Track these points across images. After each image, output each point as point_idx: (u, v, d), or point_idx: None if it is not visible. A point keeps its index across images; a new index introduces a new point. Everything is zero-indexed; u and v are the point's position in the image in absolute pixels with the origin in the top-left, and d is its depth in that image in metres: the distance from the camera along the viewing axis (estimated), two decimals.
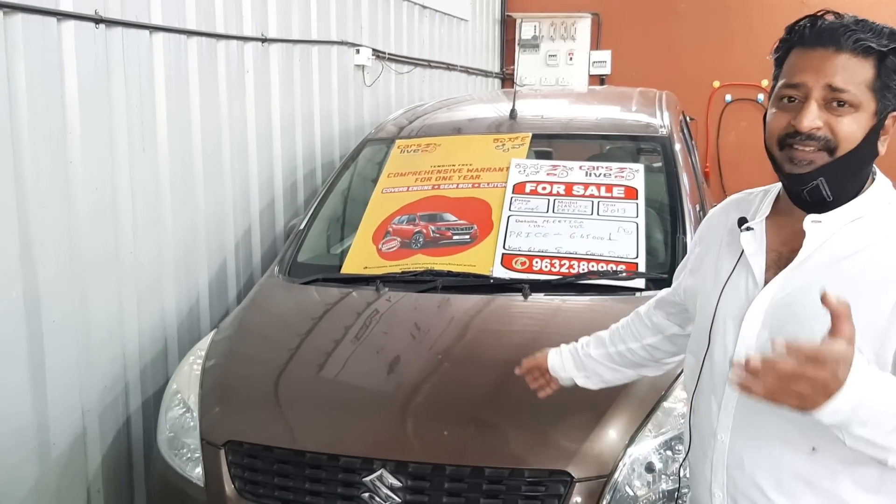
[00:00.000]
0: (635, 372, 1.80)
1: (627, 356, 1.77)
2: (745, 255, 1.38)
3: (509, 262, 2.77)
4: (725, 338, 1.37)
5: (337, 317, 2.71)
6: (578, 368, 1.81)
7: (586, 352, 1.81)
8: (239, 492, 2.20)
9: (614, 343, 1.79)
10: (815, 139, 1.26)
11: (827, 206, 1.30)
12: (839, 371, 1.08)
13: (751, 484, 1.34)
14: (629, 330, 1.78)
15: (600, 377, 1.81)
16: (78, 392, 2.65)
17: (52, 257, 2.50)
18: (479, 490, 2.03)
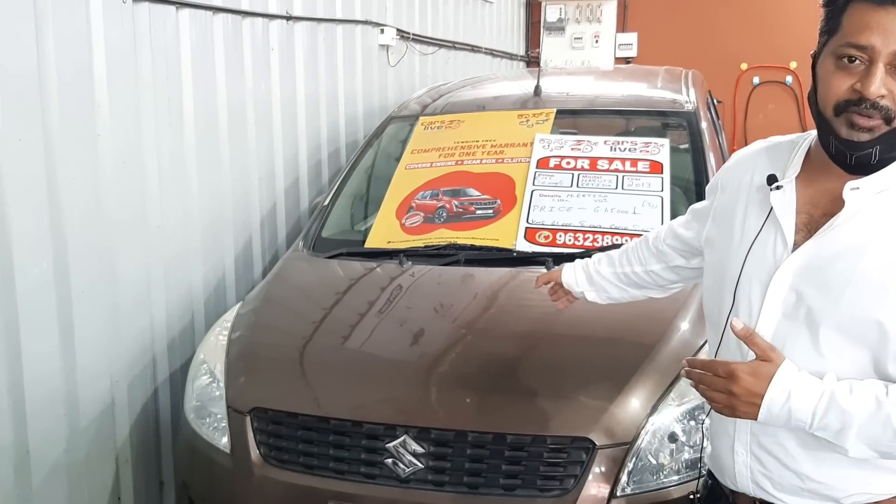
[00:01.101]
0: (640, 293, 1.87)
1: (633, 278, 1.83)
2: (775, 216, 1.35)
3: (532, 235, 2.77)
4: (751, 298, 1.36)
5: (360, 289, 2.73)
6: (590, 283, 1.90)
7: (597, 268, 1.89)
8: (264, 457, 2.23)
9: (622, 264, 1.84)
10: (879, 108, 1.21)
11: (868, 169, 1.26)
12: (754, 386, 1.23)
13: (775, 443, 1.34)
14: (636, 253, 1.82)
15: (607, 294, 1.89)
16: (106, 362, 2.69)
17: (81, 229, 2.54)
18: (500, 456, 2.04)
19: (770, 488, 1.36)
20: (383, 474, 2.10)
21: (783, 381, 1.23)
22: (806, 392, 1.23)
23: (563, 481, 2.00)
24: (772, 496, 1.36)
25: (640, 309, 2.05)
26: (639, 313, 2.31)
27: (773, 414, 1.24)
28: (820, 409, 1.22)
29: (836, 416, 1.21)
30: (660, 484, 2.02)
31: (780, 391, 1.23)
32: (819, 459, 1.30)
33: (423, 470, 2.07)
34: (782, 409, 1.23)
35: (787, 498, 1.34)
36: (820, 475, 1.31)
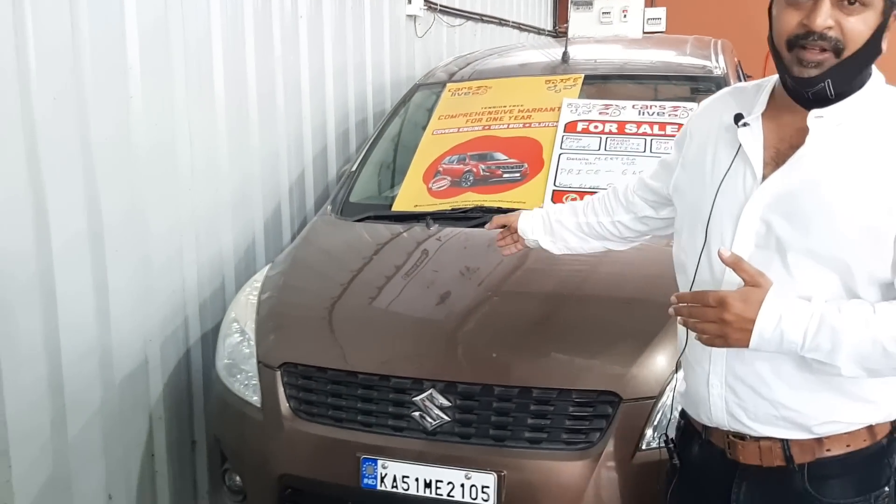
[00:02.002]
0: (600, 244, 1.88)
1: (596, 228, 1.83)
2: (743, 151, 1.38)
3: (560, 198, 2.77)
4: (723, 234, 1.39)
5: (388, 251, 2.76)
6: (546, 232, 1.91)
7: (557, 218, 1.89)
8: (294, 411, 2.27)
9: (586, 214, 1.85)
10: (826, 39, 1.25)
11: (829, 102, 1.30)
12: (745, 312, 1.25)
13: (750, 371, 1.36)
14: (603, 204, 1.82)
15: (566, 243, 1.90)
16: (140, 321, 2.74)
17: (114, 189, 2.58)
18: (526, 410, 2.06)
19: (744, 418, 1.39)
20: (410, 427, 2.14)
21: (773, 304, 1.26)
22: (797, 314, 1.25)
23: (589, 435, 2.02)
24: (746, 427, 1.39)
25: (667, 269, 2.05)
26: (665, 273, 2.31)
27: (765, 338, 1.26)
28: (811, 329, 1.24)
29: (826, 336, 1.24)
30: None
31: (770, 314, 1.25)
32: (793, 387, 1.33)
33: (449, 423, 2.10)
34: (774, 333, 1.25)
35: (760, 427, 1.37)
36: (793, 402, 1.34)
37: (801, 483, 1.36)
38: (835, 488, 1.36)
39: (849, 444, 1.36)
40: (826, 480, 1.36)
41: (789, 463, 1.36)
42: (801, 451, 1.36)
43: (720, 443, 1.44)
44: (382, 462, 2.11)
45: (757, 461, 1.39)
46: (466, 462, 2.05)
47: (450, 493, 2.05)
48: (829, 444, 1.35)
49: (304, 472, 2.24)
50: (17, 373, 2.24)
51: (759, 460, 1.39)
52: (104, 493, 2.63)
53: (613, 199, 1.81)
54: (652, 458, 1.99)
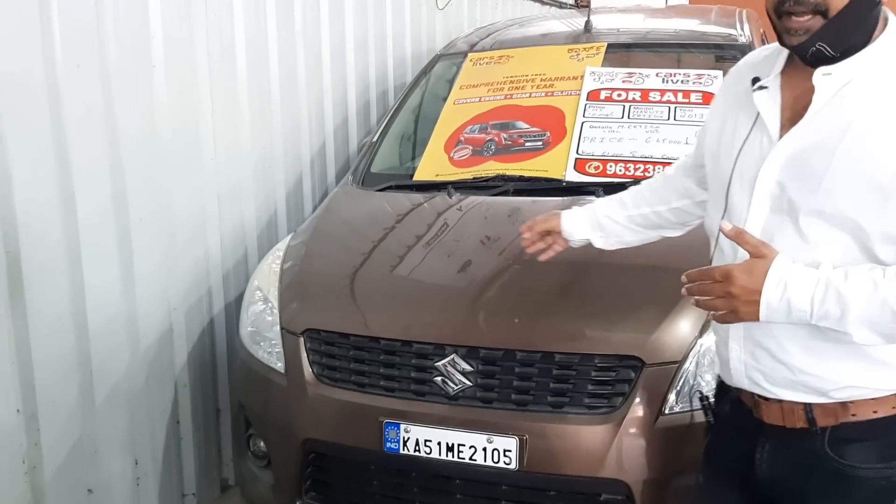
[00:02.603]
0: (656, 233, 1.82)
1: (652, 219, 1.78)
2: (760, 115, 1.36)
3: (582, 166, 2.76)
4: (741, 198, 1.37)
5: (409, 220, 2.76)
6: (595, 229, 1.83)
7: (605, 213, 1.82)
8: (317, 377, 2.29)
9: (638, 206, 1.79)
10: (804, 4, 1.24)
11: (836, 60, 1.28)
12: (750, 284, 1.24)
13: (767, 335, 1.35)
14: (656, 194, 1.77)
15: (619, 238, 1.83)
16: (164, 290, 2.77)
17: (138, 158, 2.60)
18: (548, 375, 2.06)
19: (763, 382, 1.38)
20: (433, 392, 2.15)
21: (778, 273, 1.24)
22: (802, 281, 1.23)
23: (611, 399, 2.02)
24: (765, 390, 1.38)
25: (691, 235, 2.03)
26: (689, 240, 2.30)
27: (773, 308, 1.25)
28: (818, 296, 1.22)
29: (834, 301, 1.22)
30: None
31: (776, 284, 1.24)
32: (809, 351, 1.32)
33: (471, 388, 2.11)
34: (781, 302, 1.24)
35: (778, 391, 1.36)
36: (810, 367, 1.33)
37: (822, 445, 1.35)
38: (856, 453, 1.34)
39: (875, 409, 1.33)
40: (848, 444, 1.34)
41: (812, 425, 1.35)
42: (823, 414, 1.34)
43: (748, 401, 1.43)
44: (405, 426, 2.12)
45: (780, 422, 1.38)
46: (488, 426, 2.05)
47: (472, 457, 2.06)
48: (855, 409, 1.33)
49: (328, 436, 2.26)
50: (45, 338, 2.27)
51: (783, 421, 1.38)
52: (131, 458, 2.67)
53: (666, 186, 1.76)
54: (674, 422, 1.99)
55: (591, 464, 1.99)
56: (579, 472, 2.00)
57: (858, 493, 1.34)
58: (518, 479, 2.05)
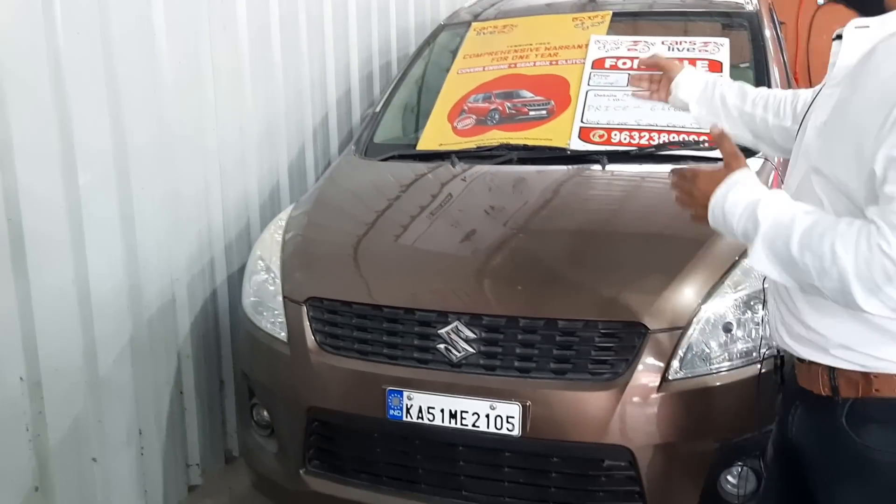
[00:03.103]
0: (753, 139, 1.77)
1: (758, 124, 1.73)
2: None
3: (587, 134, 2.73)
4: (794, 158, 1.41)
5: (413, 189, 2.74)
6: (701, 101, 1.81)
7: (722, 93, 1.78)
8: (320, 345, 2.28)
9: (755, 105, 1.74)
10: None
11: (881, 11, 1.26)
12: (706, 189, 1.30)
13: (784, 290, 1.36)
14: (777, 104, 1.71)
15: (716, 119, 1.77)
16: (167, 260, 2.76)
17: (139, 126, 2.58)
18: (552, 341, 2.05)
19: (786, 337, 1.39)
20: (436, 359, 2.14)
21: (728, 186, 1.29)
22: (739, 197, 1.27)
23: (615, 366, 2.01)
24: (789, 346, 1.39)
25: None
26: None
27: (714, 217, 1.31)
28: (745, 214, 1.26)
29: (752, 221, 1.25)
30: (711, 370, 2.01)
31: (722, 195, 1.29)
32: (817, 308, 1.31)
33: (474, 355, 2.10)
34: (719, 213, 1.30)
35: (797, 347, 1.37)
36: (818, 325, 1.32)
37: (841, 418, 1.31)
38: (874, 434, 1.29)
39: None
40: (866, 423, 1.29)
41: (834, 394, 1.32)
42: (846, 383, 1.31)
43: (790, 363, 1.45)
44: (408, 394, 2.11)
45: (808, 386, 1.37)
46: (491, 393, 2.05)
47: (475, 424, 2.05)
48: (879, 385, 1.28)
49: (331, 404, 2.26)
50: (47, 306, 2.27)
51: (810, 385, 1.36)
52: (135, 427, 2.68)
53: (789, 103, 1.70)
54: (678, 388, 1.98)
55: (595, 430, 1.98)
56: (582, 438, 2.00)
57: (877, 479, 1.30)
58: (521, 446, 2.05)
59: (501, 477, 2.13)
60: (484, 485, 2.15)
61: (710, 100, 1.79)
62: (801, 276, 1.22)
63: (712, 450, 2.02)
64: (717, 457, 2.03)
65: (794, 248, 1.20)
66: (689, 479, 2.02)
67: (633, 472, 2.00)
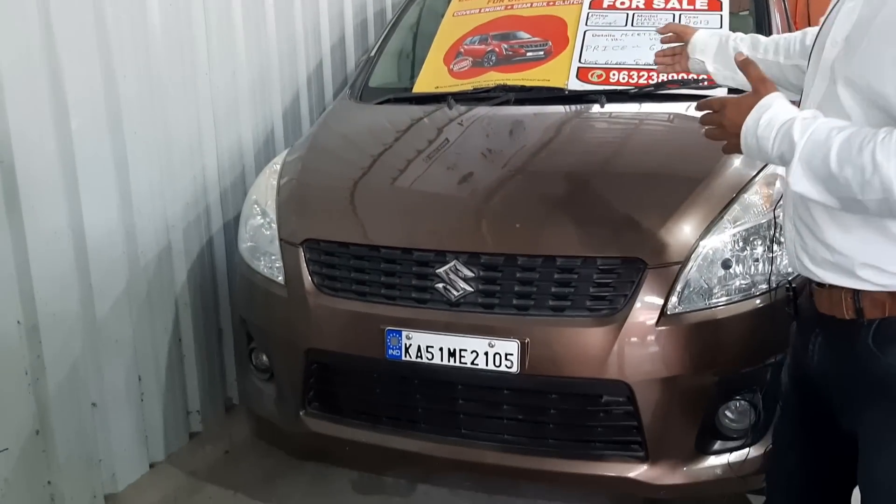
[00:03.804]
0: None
1: (772, 68, 1.74)
2: None
3: (585, 74, 2.70)
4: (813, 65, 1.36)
5: (409, 131, 2.71)
6: (717, 57, 1.85)
7: (735, 46, 1.82)
8: (317, 287, 2.27)
9: (767, 51, 1.78)
10: None
11: None
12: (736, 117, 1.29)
13: (806, 211, 1.34)
14: (787, 44, 1.74)
15: (734, 74, 1.81)
16: (162, 206, 2.74)
17: (130, 72, 2.54)
18: (550, 279, 2.04)
19: (809, 263, 1.36)
20: (434, 299, 2.13)
21: (759, 111, 1.27)
22: (773, 120, 1.25)
23: (613, 301, 2.01)
24: (810, 272, 1.36)
25: (692, 141, 1.99)
26: (690, 145, 2.27)
27: (747, 143, 1.29)
28: (779, 136, 1.24)
29: (787, 144, 1.23)
30: (710, 305, 2.01)
31: (754, 121, 1.27)
32: (843, 228, 1.28)
33: (473, 294, 2.09)
34: (753, 139, 1.28)
35: (822, 273, 1.34)
36: (844, 247, 1.29)
37: (867, 340, 1.30)
38: None
39: None
40: (893, 342, 1.28)
41: (859, 316, 1.30)
42: (871, 304, 1.29)
43: (808, 291, 1.42)
44: (406, 333, 2.11)
45: (830, 311, 1.35)
46: (490, 331, 2.04)
47: (473, 362, 2.05)
48: None
49: (330, 345, 2.26)
50: (43, 251, 2.25)
51: (832, 311, 1.34)
52: (134, 374, 2.68)
53: (799, 40, 1.72)
54: (676, 323, 1.98)
55: (593, 365, 1.99)
56: (581, 373, 2.00)
57: None
58: (520, 383, 2.05)
59: (500, 414, 2.14)
60: (483, 422, 2.16)
61: (725, 55, 1.83)
62: (842, 192, 1.19)
63: (711, 384, 2.02)
64: (715, 391, 2.04)
65: (832, 164, 1.18)
66: (687, 414, 2.03)
67: (631, 407, 2.01)
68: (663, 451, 2.03)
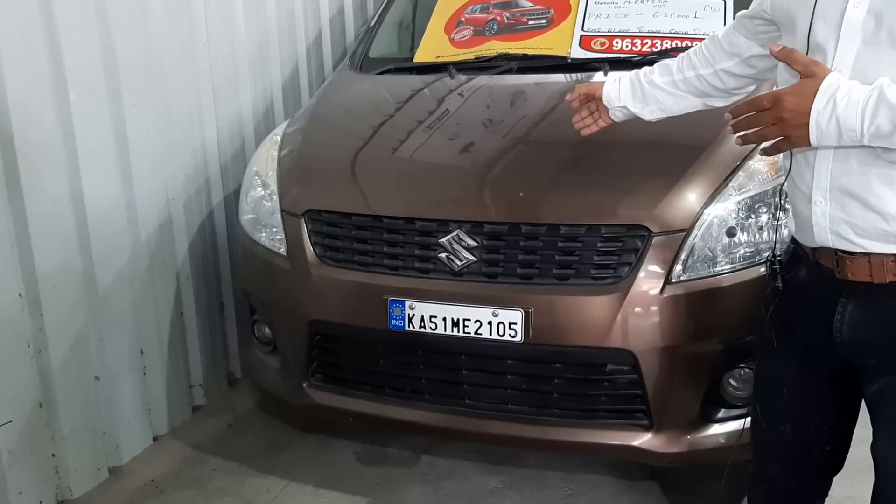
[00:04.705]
0: (700, 101, 1.74)
1: (695, 83, 1.70)
2: None
3: (588, 43, 2.67)
4: (826, 37, 1.28)
5: (411, 101, 2.69)
6: (635, 97, 1.77)
7: (649, 79, 1.75)
8: (319, 258, 2.26)
9: (682, 70, 1.71)
10: None
11: None
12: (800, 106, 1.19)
13: (858, 182, 1.27)
14: (702, 55, 1.68)
15: (660, 105, 1.76)
16: (161, 179, 2.72)
17: (129, 42, 2.52)
18: (554, 247, 2.03)
19: (851, 235, 1.29)
20: (437, 269, 2.12)
21: (827, 92, 1.18)
22: (852, 99, 1.17)
23: (617, 270, 2.00)
24: (854, 244, 1.30)
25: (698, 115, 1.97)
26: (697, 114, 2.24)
27: (822, 130, 1.19)
28: (868, 110, 1.16)
29: (885, 116, 1.14)
30: (714, 272, 2.00)
31: (825, 104, 1.18)
32: None
33: (476, 263, 2.08)
34: (830, 121, 1.18)
35: (868, 244, 1.28)
36: None
37: None
38: None
39: None
40: None
41: None
42: None
43: (829, 263, 1.36)
44: (409, 303, 2.10)
45: (867, 277, 1.30)
46: (494, 300, 2.04)
47: (477, 331, 2.05)
48: None
49: (333, 316, 2.25)
50: (43, 223, 2.25)
51: (870, 276, 1.30)
52: (137, 347, 2.68)
53: (713, 47, 1.67)
54: (681, 291, 1.97)
55: (597, 334, 1.98)
56: (585, 342, 2.00)
57: None
58: (524, 352, 2.05)
59: (504, 384, 2.14)
60: (487, 392, 2.16)
61: (642, 92, 1.76)
62: None
63: (715, 352, 2.02)
64: (719, 359, 2.03)
65: None
66: (691, 382, 2.03)
67: (635, 375, 2.01)
68: (667, 419, 2.03)
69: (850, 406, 1.50)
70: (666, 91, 1.74)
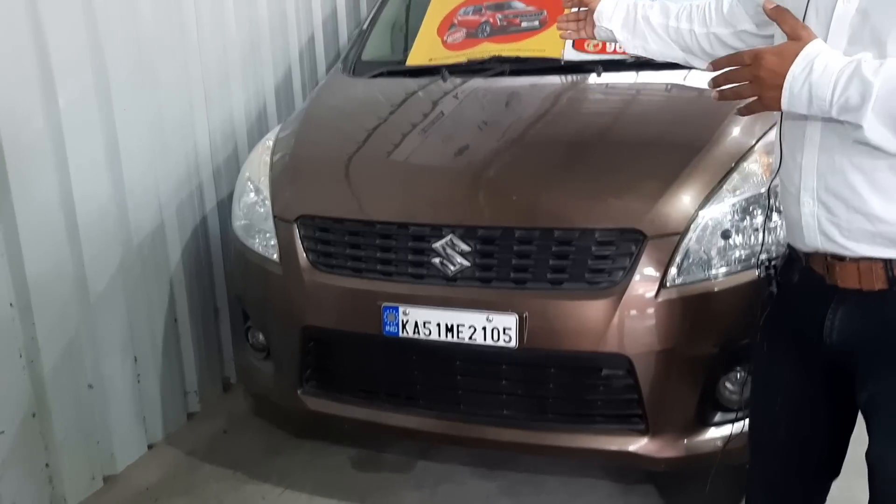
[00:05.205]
0: (683, 55, 1.70)
1: (685, 37, 1.66)
2: None
3: (581, 44, 2.66)
4: (818, 31, 1.25)
5: (404, 104, 2.68)
6: (626, 26, 1.73)
7: (645, 14, 1.71)
8: (312, 264, 2.25)
9: (679, 19, 1.67)
10: None
11: None
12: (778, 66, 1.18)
13: (842, 182, 1.25)
14: (702, 12, 1.65)
15: (644, 43, 1.72)
16: (153, 183, 2.71)
17: (119, 44, 2.50)
18: (548, 251, 2.02)
19: (838, 237, 1.28)
20: (431, 274, 2.11)
21: (807, 57, 1.17)
22: (829, 68, 1.15)
23: (612, 274, 1.98)
24: (840, 246, 1.28)
25: (690, 111, 1.96)
26: (688, 115, 2.24)
27: (794, 95, 1.18)
28: (841, 83, 1.14)
29: (856, 89, 1.13)
30: (709, 276, 1.99)
31: (802, 68, 1.17)
32: (890, 198, 1.22)
33: (470, 268, 2.07)
34: (803, 88, 1.17)
35: (856, 246, 1.27)
36: (891, 215, 1.23)
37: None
38: None
39: None
40: None
41: (892, 285, 1.24)
42: None
43: (819, 268, 1.34)
44: (403, 309, 2.09)
45: (856, 284, 1.28)
46: (488, 305, 2.02)
47: (471, 337, 2.03)
48: None
49: (326, 323, 2.24)
50: (34, 230, 2.23)
51: (859, 283, 1.28)
52: (130, 355, 2.66)
53: (715, 8, 1.64)
54: (676, 295, 1.96)
55: (592, 339, 1.97)
56: (580, 347, 1.98)
57: None
58: (518, 357, 2.03)
59: (499, 389, 2.12)
60: (482, 397, 2.15)
61: (633, 23, 1.72)
62: None
63: (710, 356, 2.01)
64: (715, 363, 2.02)
65: None
66: (687, 386, 2.02)
67: (631, 379, 1.99)
68: (664, 423, 2.02)
69: (844, 410, 1.48)
70: (656, 33, 1.71)
